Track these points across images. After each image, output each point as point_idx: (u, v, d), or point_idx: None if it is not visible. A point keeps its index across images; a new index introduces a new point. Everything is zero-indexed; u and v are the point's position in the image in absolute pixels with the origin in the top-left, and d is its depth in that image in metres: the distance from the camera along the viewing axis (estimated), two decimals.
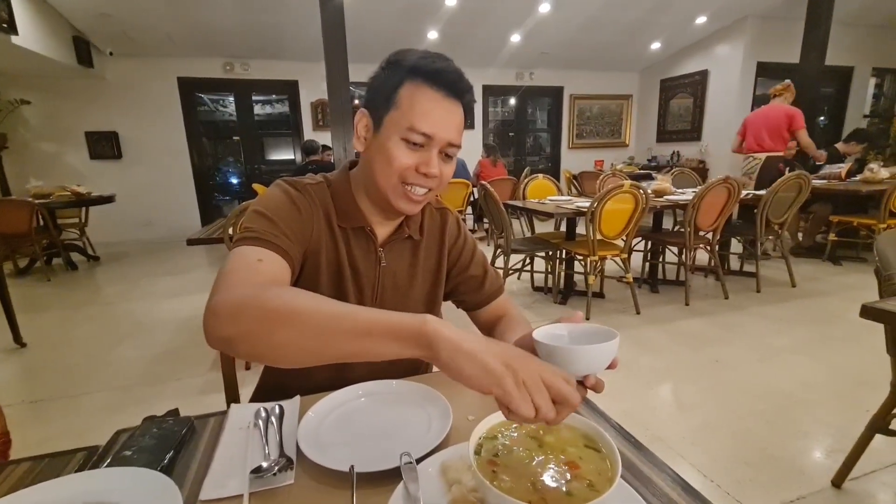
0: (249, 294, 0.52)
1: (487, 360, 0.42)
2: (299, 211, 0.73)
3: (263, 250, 0.64)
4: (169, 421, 0.65)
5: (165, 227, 6.05)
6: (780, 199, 3.25)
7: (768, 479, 1.47)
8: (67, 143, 5.60)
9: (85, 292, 3.91)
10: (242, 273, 0.58)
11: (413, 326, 0.45)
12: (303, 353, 0.49)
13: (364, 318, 0.47)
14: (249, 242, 0.64)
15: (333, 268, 0.77)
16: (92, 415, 1.97)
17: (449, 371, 0.44)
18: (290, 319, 0.48)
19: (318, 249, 0.75)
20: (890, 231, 1.29)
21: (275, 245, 0.65)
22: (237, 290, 0.54)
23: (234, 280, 0.56)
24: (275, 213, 0.69)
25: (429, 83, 0.68)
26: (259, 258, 0.62)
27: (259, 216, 0.68)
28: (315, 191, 0.76)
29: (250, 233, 0.65)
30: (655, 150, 7.42)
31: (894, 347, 1.26)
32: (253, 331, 0.49)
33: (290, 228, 0.69)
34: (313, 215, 0.75)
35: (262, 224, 0.67)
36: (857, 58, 6.48)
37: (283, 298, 0.50)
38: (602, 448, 0.46)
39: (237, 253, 0.62)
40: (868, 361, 2.20)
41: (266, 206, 0.71)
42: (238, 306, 0.50)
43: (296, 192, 0.74)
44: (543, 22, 5.47)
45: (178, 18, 4.79)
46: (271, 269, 0.62)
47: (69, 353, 2.63)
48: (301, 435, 0.60)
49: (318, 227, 0.75)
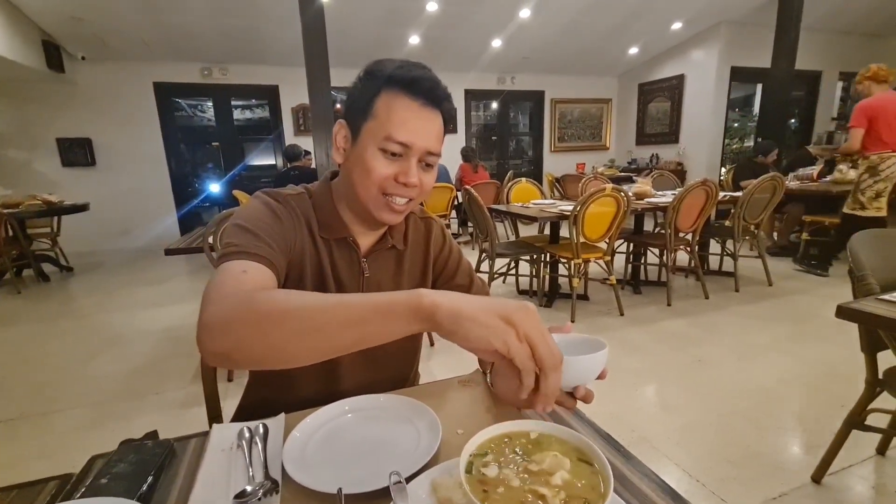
0: (238, 302, 0.51)
1: (489, 319, 0.43)
2: (281, 221, 0.71)
3: (247, 262, 0.62)
4: (147, 444, 0.62)
5: (142, 235, 5.90)
6: (756, 201, 3.33)
7: (751, 476, 1.50)
8: (37, 150, 5.41)
9: (58, 304, 3.78)
10: (229, 285, 0.57)
11: (410, 302, 0.45)
12: (302, 351, 0.48)
13: (358, 304, 0.47)
14: (232, 257, 0.62)
15: (317, 279, 0.76)
16: (66, 434, 1.90)
17: (454, 338, 0.44)
18: (282, 319, 0.48)
19: (302, 260, 0.74)
20: (862, 233, 1.33)
21: (258, 256, 0.64)
22: (225, 301, 0.53)
23: (220, 293, 0.55)
24: (256, 224, 0.68)
25: (405, 92, 0.67)
26: (244, 269, 0.61)
27: (240, 230, 0.67)
28: (296, 201, 0.75)
29: (232, 247, 0.64)
30: (635, 153, 7.56)
31: (868, 346, 1.30)
32: (247, 337, 0.48)
33: (273, 239, 0.68)
34: (295, 226, 0.73)
35: (244, 237, 0.66)
36: (824, 63, 6.72)
37: (273, 300, 0.50)
38: (594, 462, 0.46)
39: (221, 269, 0.61)
40: (841, 357, 2.27)
41: (247, 218, 0.69)
42: (229, 316, 0.50)
43: (276, 204, 0.73)
44: (524, 27, 5.53)
45: (154, 23, 4.69)
46: (257, 278, 0.61)
47: (41, 369, 2.53)
48: (286, 456, 0.58)
49: (300, 237, 0.74)
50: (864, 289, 1.19)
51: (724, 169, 6.48)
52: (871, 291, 1.17)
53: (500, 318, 0.43)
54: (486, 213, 3.04)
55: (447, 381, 0.81)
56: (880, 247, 1.30)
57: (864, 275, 1.21)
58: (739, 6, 5.53)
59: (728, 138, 6.96)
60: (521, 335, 0.43)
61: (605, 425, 0.65)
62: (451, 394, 0.77)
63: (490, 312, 0.43)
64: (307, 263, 0.75)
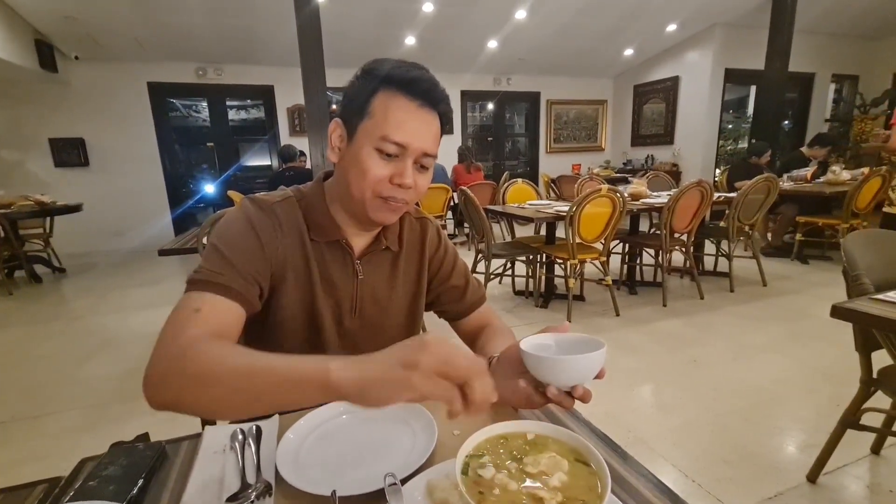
0: (172, 357, 0.53)
1: (391, 375, 0.42)
2: (258, 238, 0.70)
3: (206, 296, 0.63)
4: (138, 447, 0.61)
5: (136, 236, 5.85)
6: (750, 202, 3.35)
7: (747, 476, 1.51)
8: (30, 150, 5.37)
9: (50, 306, 3.74)
10: (175, 330, 0.58)
11: (319, 379, 0.45)
12: (236, 410, 0.51)
13: (277, 373, 0.47)
14: (196, 286, 0.63)
15: (304, 287, 0.75)
16: (57, 437, 1.88)
17: (370, 406, 0.44)
18: (209, 382, 0.49)
19: (284, 271, 0.73)
20: (856, 233, 1.34)
21: (221, 287, 0.64)
22: (163, 354, 0.54)
23: (164, 340, 0.56)
24: (230, 245, 0.68)
25: (403, 92, 0.66)
26: (197, 307, 0.61)
27: (213, 252, 0.67)
28: (282, 208, 0.74)
29: (199, 274, 0.65)
30: (630, 154, 7.59)
31: (863, 345, 1.30)
32: (182, 396, 0.51)
33: (246, 262, 0.67)
34: (277, 236, 0.72)
35: (214, 262, 0.66)
36: (817, 65, 6.78)
37: (200, 363, 0.51)
38: (591, 463, 0.46)
39: (179, 303, 0.62)
40: (836, 357, 2.29)
41: (222, 236, 0.69)
42: (164, 375, 0.53)
43: (258, 215, 0.72)
44: (519, 28, 5.54)
45: (148, 22, 4.66)
46: (209, 318, 0.61)
47: (33, 372, 2.50)
48: (280, 457, 0.57)
49: (283, 246, 0.73)
50: (858, 289, 1.20)
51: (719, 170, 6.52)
52: (865, 291, 1.18)
53: (401, 367, 0.42)
54: (482, 213, 3.04)
55: None
56: (874, 247, 1.31)
57: (858, 275, 1.21)
58: (733, 9, 5.57)
59: (722, 139, 7.01)
60: (427, 372, 0.42)
61: (602, 426, 0.65)
62: None
63: (390, 367, 0.43)
64: (290, 271, 0.74)
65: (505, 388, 0.64)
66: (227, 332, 0.62)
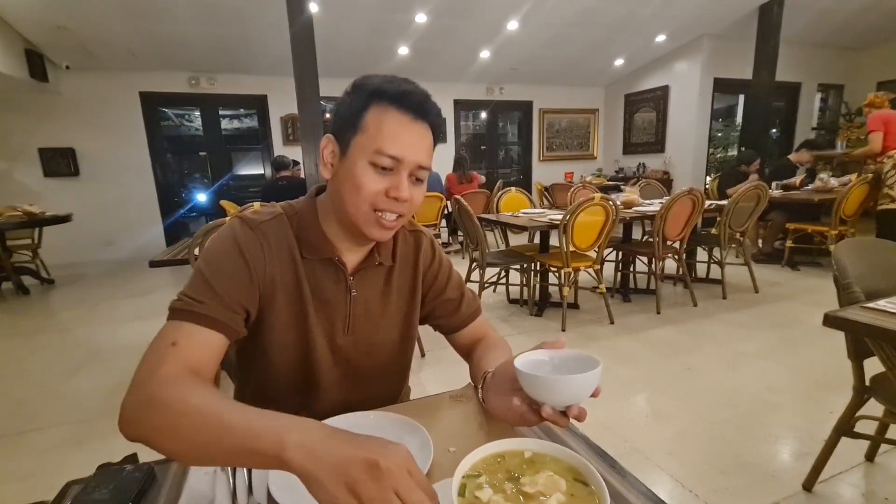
0: (139, 407, 0.53)
1: (332, 488, 0.41)
2: (244, 259, 0.69)
3: (185, 327, 0.62)
4: (126, 469, 0.60)
5: (127, 247, 5.79)
6: (741, 209, 3.39)
7: (743, 485, 1.50)
8: (18, 160, 5.31)
9: (37, 318, 3.68)
10: (151, 364, 0.58)
11: (272, 451, 0.44)
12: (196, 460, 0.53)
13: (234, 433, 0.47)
14: (176, 316, 0.63)
15: (295, 306, 0.74)
16: (44, 454, 1.83)
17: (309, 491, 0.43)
18: (174, 432, 0.50)
19: (273, 290, 0.72)
20: (846, 241, 1.35)
21: (201, 316, 0.63)
22: (134, 398, 0.54)
23: (138, 379, 0.56)
24: (215, 271, 0.67)
25: (395, 105, 0.66)
26: (174, 341, 0.60)
27: (197, 277, 0.67)
28: (271, 227, 0.73)
29: (180, 303, 0.64)
30: (622, 162, 7.66)
31: (855, 353, 1.31)
32: (153, 437, 0.51)
33: (231, 287, 0.67)
34: (264, 257, 0.71)
35: (197, 290, 0.65)
36: (803, 74, 6.92)
37: (163, 415, 0.51)
38: (590, 482, 0.45)
39: (159, 333, 0.62)
40: (828, 364, 2.30)
41: (208, 261, 0.68)
42: (132, 419, 0.53)
43: (245, 235, 0.70)
44: (511, 39, 5.60)
45: (140, 32, 4.65)
46: (185, 353, 0.60)
47: (18, 386, 2.45)
48: (272, 478, 0.56)
49: (271, 266, 0.71)
50: (849, 297, 1.21)
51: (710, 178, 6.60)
52: (856, 300, 1.19)
53: (345, 486, 0.41)
54: (476, 222, 3.05)
55: (438, 396, 0.79)
56: (864, 255, 1.33)
57: (849, 283, 1.22)
58: (721, 20, 5.68)
59: (712, 147, 7.10)
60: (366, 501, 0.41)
61: (597, 436, 0.65)
62: (442, 410, 0.75)
63: (336, 479, 0.41)
64: (280, 291, 0.73)
65: (499, 406, 0.64)
66: (203, 365, 0.61)
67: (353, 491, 0.41)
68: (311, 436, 0.45)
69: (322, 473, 0.42)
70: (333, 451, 0.43)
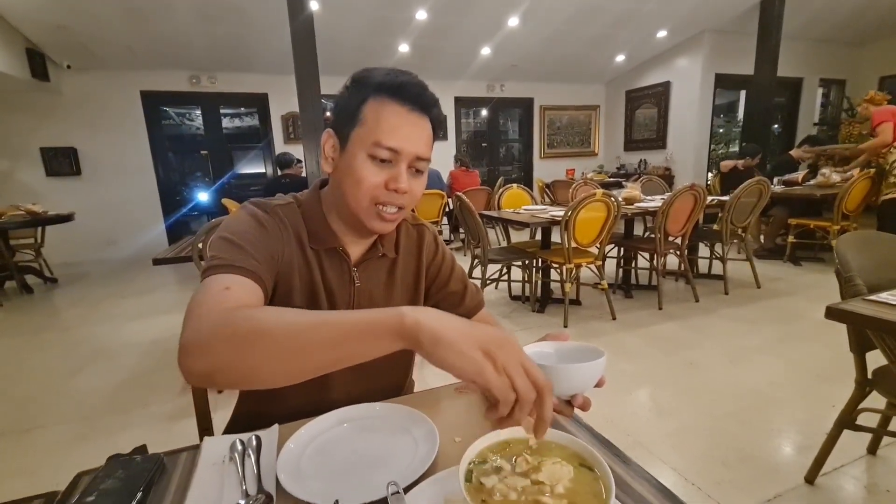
0: (217, 322, 0.50)
1: (467, 349, 0.42)
2: (268, 233, 0.70)
3: (231, 276, 0.60)
4: (136, 459, 0.60)
5: (129, 245, 5.81)
6: (743, 205, 3.38)
7: (745, 478, 1.51)
8: (21, 159, 5.32)
9: (41, 317, 3.69)
10: (209, 304, 0.55)
11: (392, 322, 0.44)
12: (282, 372, 0.47)
13: (339, 323, 0.46)
14: (216, 271, 0.61)
15: (308, 290, 0.75)
16: (49, 451, 1.84)
17: (432, 361, 0.43)
18: (261, 340, 0.47)
19: (291, 271, 0.73)
20: (848, 234, 1.35)
21: (243, 269, 0.62)
22: (204, 321, 0.51)
23: (200, 312, 0.53)
24: (242, 237, 0.67)
25: (393, 97, 0.67)
26: (226, 286, 0.59)
27: (225, 242, 0.65)
28: (284, 212, 0.74)
29: (216, 261, 0.62)
30: (623, 159, 7.65)
31: (857, 346, 1.31)
32: (226, 360, 0.47)
33: (259, 251, 0.66)
34: (283, 237, 0.72)
35: (229, 250, 0.64)
36: (805, 69, 6.89)
37: (252, 319, 0.49)
38: (595, 468, 0.46)
39: (203, 285, 0.59)
40: (829, 358, 2.30)
41: (233, 231, 0.68)
42: (207, 338, 0.49)
43: (263, 215, 0.72)
44: (512, 35, 5.59)
45: (141, 31, 4.65)
46: (240, 295, 0.59)
47: (23, 384, 2.47)
48: (281, 467, 0.57)
49: (289, 248, 0.72)
50: (851, 290, 1.21)
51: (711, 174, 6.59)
52: (858, 292, 1.19)
53: (480, 349, 0.42)
54: (477, 219, 3.05)
55: (443, 388, 0.80)
56: (866, 248, 1.33)
57: (852, 276, 1.23)
58: (722, 15, 5.66)
59: (714, 143, 7.08)
60: (500, 367, 0.42)
61: (600, 430, 0.65)
62: (447, 401, 0.76)
63: (471, 342, 0.42)
64: (296, 274, 0.73)
65: None
66: None
67: (487, 354, 0.42)
68: (429, 311, 0.45)
69: (455, 335, 0.43)
70: (458, 322, 0.45)
